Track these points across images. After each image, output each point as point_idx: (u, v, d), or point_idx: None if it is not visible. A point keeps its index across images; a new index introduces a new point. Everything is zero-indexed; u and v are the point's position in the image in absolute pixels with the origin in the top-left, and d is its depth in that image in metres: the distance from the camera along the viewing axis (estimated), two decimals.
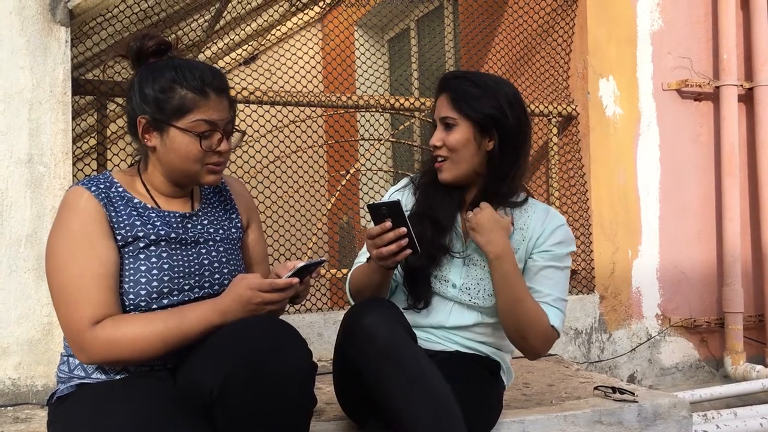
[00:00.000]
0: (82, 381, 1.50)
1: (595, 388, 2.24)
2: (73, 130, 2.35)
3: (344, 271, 3.03)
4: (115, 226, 1.51)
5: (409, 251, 1.64)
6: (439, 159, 1.80)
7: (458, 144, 1.77)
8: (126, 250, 1.51)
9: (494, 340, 1.87)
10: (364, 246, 1.88)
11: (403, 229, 1.62)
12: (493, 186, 1.80)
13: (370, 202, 1.67)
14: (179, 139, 1.52)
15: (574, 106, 3.34)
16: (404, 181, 1.96)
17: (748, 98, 3.57)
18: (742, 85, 3.52)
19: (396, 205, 1.62)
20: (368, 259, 1.76)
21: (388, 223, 1.62)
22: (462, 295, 1.82)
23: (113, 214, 1.52)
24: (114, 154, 2.70)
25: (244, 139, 2.85)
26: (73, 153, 2.37)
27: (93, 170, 2.64)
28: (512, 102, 1.78)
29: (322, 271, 2.91)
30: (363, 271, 1.82)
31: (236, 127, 1.62)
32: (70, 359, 1.53)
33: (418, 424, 1.50)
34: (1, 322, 2.22)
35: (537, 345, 1.78)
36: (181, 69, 1.53)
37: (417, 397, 1.52)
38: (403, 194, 1.90)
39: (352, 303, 1.87)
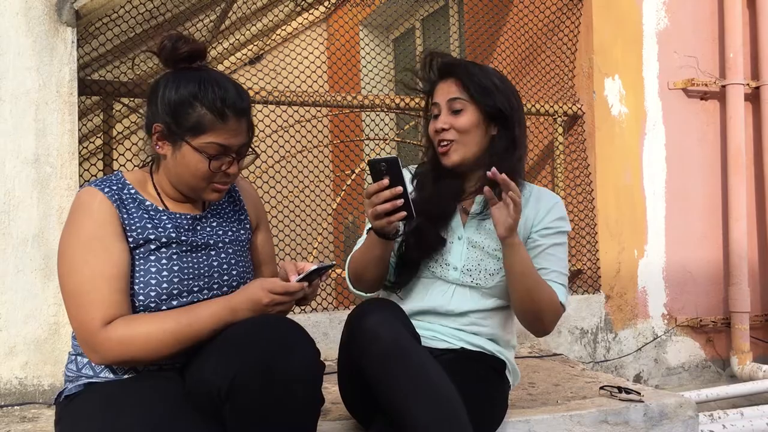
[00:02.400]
0: (90, 380, 1.51)
1: (601, 388, 2.24)
2: (79, 130, 2.36)
3: None
4: (128, 227, 1.52)
5: (404, 213, 1.64)
6: (444, 144, 1.80)
7: (469, 126, 1.78)
8: (137, 251, 1.52)
9: (498, 331, 1.87)
10: (363, 235, 1.89)
11: (400, 189, 1.63)
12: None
13: (371, 159, 1.67)
14: (189, 156, 1.52)
15: (579, 106, 3.33)
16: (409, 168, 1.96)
17: (754, 97, 3.56)
18: (748, 84, 3.51)
19: (394, 162, 1.63)
20: (368, 230, 1.76)
21: (386, 181, 1.63)
22: (464, 277, 1.83)
23: (125, 215, 1.52)
24: (120, 154, 2.71)
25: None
26: (80, 153, 2.38)
27: (99, 170, 2.64)
28: (516, 98, 1.84)
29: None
30: (362, 247, 1.82)
31: (253, 147, 1.61)
32: (78, 358, 1.54)
33: (422, 424, 1.50)
34: (8, 321, 2.23)
35: (549, 324, 1.82)
36: (204, 84, 1.51)
37: (421, 398, 1.51)
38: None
39: (353, 290, 1.89)
